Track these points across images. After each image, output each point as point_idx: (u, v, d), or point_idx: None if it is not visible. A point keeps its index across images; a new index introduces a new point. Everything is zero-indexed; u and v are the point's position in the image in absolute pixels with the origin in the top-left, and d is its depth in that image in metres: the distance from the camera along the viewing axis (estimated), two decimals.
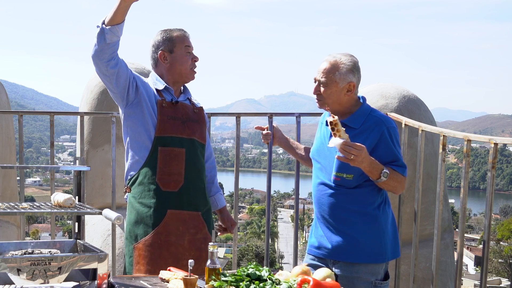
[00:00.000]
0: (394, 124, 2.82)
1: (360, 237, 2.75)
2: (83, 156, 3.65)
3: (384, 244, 2.79)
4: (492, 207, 2.81)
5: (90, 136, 4.46)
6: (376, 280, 2.76)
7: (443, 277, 4.22)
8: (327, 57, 2.81)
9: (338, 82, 2.74)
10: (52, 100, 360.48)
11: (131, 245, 2.77)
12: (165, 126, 2.76)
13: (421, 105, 4.46)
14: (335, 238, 2.79)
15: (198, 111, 2.94)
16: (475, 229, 54.06)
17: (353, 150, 2.56)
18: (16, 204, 2.43)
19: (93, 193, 4.47)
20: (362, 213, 2.76)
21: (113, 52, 2.59)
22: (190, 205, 2.80)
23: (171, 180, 2.75)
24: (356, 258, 2.75)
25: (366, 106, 2.83)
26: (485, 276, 2.87)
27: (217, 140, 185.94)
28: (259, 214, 54.46)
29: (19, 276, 2.02)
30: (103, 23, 2.50)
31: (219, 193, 3.09)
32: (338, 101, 2.79)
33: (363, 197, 2.77)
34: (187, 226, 2.78)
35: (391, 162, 2.73)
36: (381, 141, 2.73)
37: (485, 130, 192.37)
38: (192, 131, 2.84)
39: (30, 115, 10.89)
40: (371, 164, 2.64)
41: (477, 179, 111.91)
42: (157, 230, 2.72)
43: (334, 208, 2.78)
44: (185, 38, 2.84)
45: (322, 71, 2.77)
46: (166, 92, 2.84)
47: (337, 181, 2.75)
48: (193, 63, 2.86)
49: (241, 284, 2.04)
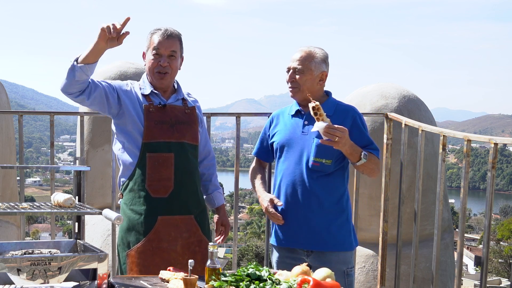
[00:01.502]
0: (359, 111, 2.96)
1: (332, 225, 2.84)
2: (83, 156, 3.65)
3: (351, 232, 2.91)
4: (492, 207, 2.82)
5: (90, 136, 4.46)
6: (347, 268, 2.87)
7: (443, 277, 4.22)
8: (301, 48, 2.92)
9: (313, 70, 2.86)
10: (52, 100, 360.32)
11: (124, 252, 2.76)
12: (152, 132, 2.72)
13: (421, 105, 4.46)
14: (308, 227, 2.84)
15: (190, 111, 2.87)
16: (475, 229, 54.03)
17: (337, 132, 2.64)
18: (16, 204, 2.42)
19: (93, 193, 4.47)
20: (334, 202, 2.86)
21: (81, 88, 2.58)
22: (181, 209, 2.78)
23: (160, 186, 2.73)
24: (330, 246, 2.83)
25: (333, 98, 2.97)
26: (485, 276, 2.88)
27: (217, 140, 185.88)
28: (259, 214, 54.40)
29: (19, 276, 2.02)
30: (76, 59, 2.51)
31: (217, 191, 3.05)
32: (311, 89, 2.88)
33: (335, 185, 2.87)
34: (179, 231, 2.76)
35: (365, 146, 2.84)
36: (353, 127, 2.84)
37: (485, 130, 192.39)
38: (182, 134, 2.79)
39: (30, 115, 10.89)
40: (351, 146, 2.73)
41: (477, 179, 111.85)
42: (149, 237, 2.71)
43: (308, 196, 2.84)
44: (158, 39, 2.75)
45: (298, 58, 2.88)
46: (154, 95, 2.80)
47: (316, 167, 2.80)
48: (158, 66, 2.76)
49: (241, 284, 2.04)
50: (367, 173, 2.90)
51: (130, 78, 4.42)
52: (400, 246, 3.77)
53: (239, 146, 3.79)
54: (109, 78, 4.48)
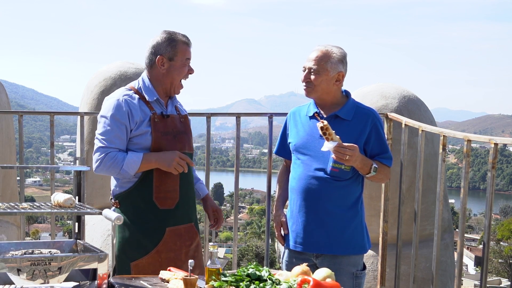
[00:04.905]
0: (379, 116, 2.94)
1: (346, 229, 2.82)
2: (83, 156, 3.65)
3: (364, 235, 2.90)
4: (492, 207, 2.82)
5: (90, 136, 4.46)
6: (357, 270, 2.85)
7: (443, 277, 4.22)
8: (318, 47, 2.86)
9: (329, 70, 2.81)
10: (52, 100, 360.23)
11: (126, 263, 2.71)
12: (160, 143, 2.69)
13: (421, 105, 4.46)
14: (321, 231, 2.83)
15: (184, 120, 2.86)
16: (475, 229, 54.00)
17: (347, 151, 2.63)
18: (16, 204, 2.42)
19: (93, 193, 4.47)
20: (348, 206, 2.84)
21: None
22: (184, 218, 2.80)
23: (167, 197, 2.72)
24: (341, 250, 2.82)
25: (352, 100, 2.92)
26: (485, 276, 2.88)
27: (217, 140, 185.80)
28: (259, 214, 54.36)
29: (19, 276, 2.02)
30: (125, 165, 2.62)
31: (199, 182, 3.05)
32: (327, 90, 2.84)
33: (350, 189, 2.85)
34: (183, 240, 2.78)
35: (380, 153, 2.83)
36: (372, 133, 2.82)
37: (485, 130, 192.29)
38: (183, 145, 2.78)
39: (30, 115, 10.88)
40: (362, 161, 2.73)
41: (477, 179, 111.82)
42: (157, 248, 2.70)
43: (324, 201, 2.82)
44: (188, 49, 2.75)
45: (314, 58, 2.82)
46: (156, 104, 2.75)
47: (335, 173, 2.78)
48: (187, 74, 2.79)
49: (241, 284, 2.04)
50: (375, 182, 2.96)
51: (130, 78, 4.42)
52: (400, 246, 3.76)
53: (239, 146, 3.79)
54: (109, 78, 4.49)
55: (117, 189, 2.76)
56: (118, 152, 2.64)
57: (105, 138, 2.65)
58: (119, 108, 2.66)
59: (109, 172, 2.68)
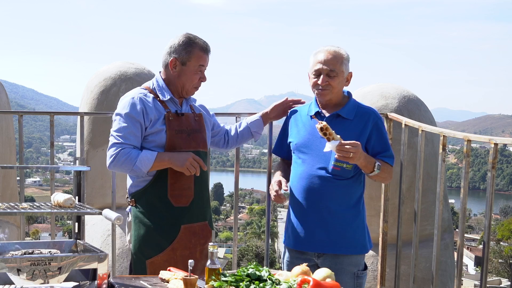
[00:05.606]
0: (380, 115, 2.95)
1: (348, 228, 2.81)
2: (83, 156, 3.65)
3: (365, 235, 2.89)
4: (492, 207, 2.82)
5: (90, 136, 4.46)
6: (358, 270, 2.84)
7: (443, 277, 4.22)
8: (327, 48, 2.83)
9: (344, 72, 2.83)
10: (52, 100, 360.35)
11: (142, 261, 2.73)
12: (174, 141, 2.71)
13: (421, 105, 4.45)
14: (323, 230, 2.82)
15: (198, 118, 2.88)
16: (475, 229, 54.03)
17: (350, 148, 2.61)
18: (16, 204, 2.42)
19: (93, 193, 4.47)
20: (350, 205, 2.83)
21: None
22: (199, 216, 2.82)
23: (182, 195, 2.74)
24: (343, 250, 2.81)
25: (353, 100, 2.92)
26: (485, 276, 2.87)
27: None
28: (259, 214, 54.37)
29: (19, 276, 2.02)
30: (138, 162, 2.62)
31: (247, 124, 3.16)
32: (339, 91, 2.86)
33: (352, 188, 2.84)
34: (198, 238, 2.80)
35: (382, 152, 2.82)
36: (374, 131, 2.82)
37: (485, 130, 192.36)
38: (197, 143, 2.80)
39: (30, 115, 10.88)
40: (365, 159, 2.72)
41: (477, 179, 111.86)
42: (173, 246, 2.72)
43: (326, 199, 2.80)
44: (203, 56, 2.76)
45: (330, 61, 2.79)
46: (171, 102, 2.78)
47: (336, 171, 2.77)
48: (199, 82, 2.81)
49: (241, 284, 2.04)
50: (379, 181, 2.94)
51: (130, 78, 4.42)
52: (400, 246, 3.76)
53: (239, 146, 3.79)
54: (109, 78, 4.48)
55: (132, 188, 2.79)
56: (133, 149, 2.65)
57: (120, 134, 2.66)
58: (134, 106, 2.69)
59: (122, 168, 2.67)
